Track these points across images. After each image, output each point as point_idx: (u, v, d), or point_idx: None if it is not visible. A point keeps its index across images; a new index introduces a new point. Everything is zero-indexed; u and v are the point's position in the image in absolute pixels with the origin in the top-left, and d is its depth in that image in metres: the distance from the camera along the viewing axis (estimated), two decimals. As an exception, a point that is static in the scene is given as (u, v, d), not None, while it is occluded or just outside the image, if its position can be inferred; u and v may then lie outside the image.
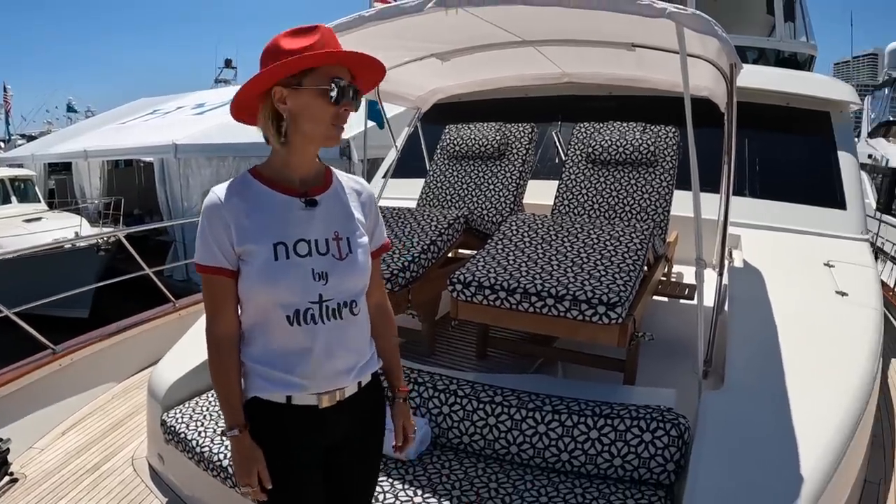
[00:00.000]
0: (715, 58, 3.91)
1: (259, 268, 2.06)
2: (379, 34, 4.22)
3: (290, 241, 2.10)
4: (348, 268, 2.18)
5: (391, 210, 4.98)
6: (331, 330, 2.14)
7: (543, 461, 3.29)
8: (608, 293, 3.38)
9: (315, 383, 2.16)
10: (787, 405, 3.16)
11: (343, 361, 2.21)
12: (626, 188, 5.18)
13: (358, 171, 14.05)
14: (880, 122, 18.50)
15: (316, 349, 2.13)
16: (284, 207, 2.13)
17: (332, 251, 2.15)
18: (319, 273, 2.11)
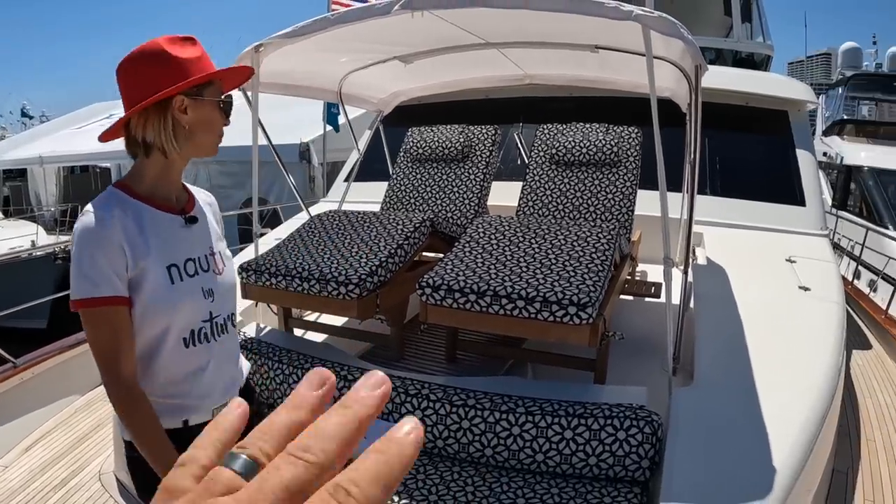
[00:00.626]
0: (678, 59, 3.94)
1: (156, 292, 1.96)
2: (341, 36, 4.20)
3: (181, 262, 2.04)
4: (226, 281, 2.20)
5: (356, 214, 4.94)
6: (221, 345, 2.17)
7: (519, 463, 3.27)
8: (578, 294, 3.36)
9: (210, 400, 2.15)
10: (756, 399, 3.19)
11: (230, 373, 2.26)
12: (590, 188, 5.17)
13: (318, 175, 14.00)
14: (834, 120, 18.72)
15: (210, 367, 2.13)
16: (168, 226, 2.06)
17: (212, 267, 2.15)
18: (207, 291, 2.10)
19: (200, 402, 2.12)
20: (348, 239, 4.51)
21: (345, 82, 5.79)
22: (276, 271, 4.19)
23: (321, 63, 5.18)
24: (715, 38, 13.31)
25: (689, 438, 2.99)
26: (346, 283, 3.91)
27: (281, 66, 4.78)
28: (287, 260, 4.29)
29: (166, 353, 2.03)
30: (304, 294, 4.10)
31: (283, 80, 5.23)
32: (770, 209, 5.91)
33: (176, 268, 2.01)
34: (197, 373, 2.09)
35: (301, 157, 14.40)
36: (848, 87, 20.10)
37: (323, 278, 3.99)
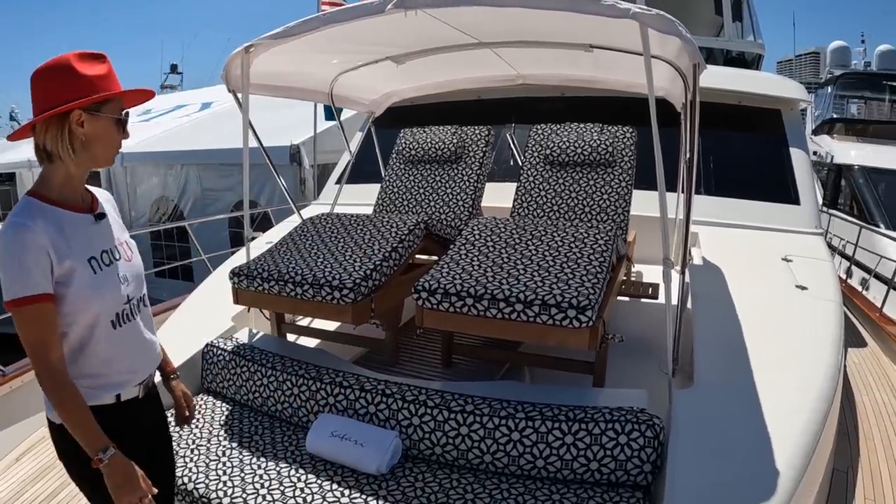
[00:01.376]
0: (674, 58, 3.91)
1: (84, 284, 2.20)
2: (332, 37, 4.15)
3: (98, 254, 2.29)
4: (135, 266, 2.48)
5: (349, 216, 4.89)
6: (139, 324, 2.45)
7: (519, 469, 3.22)
8: (577, 296, 3.31)
9: (137, 376, 2.45)
10: (757, 400, 3.16)
11: (150, 350, 2.56)
12: (585, 189, 5.13)
13: (309, 177, 13.94)
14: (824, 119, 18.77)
15: (134, 344, 2.43)
16: (82, 225, 2.30)
17: (123, 255, 2.42)
18: (122, 276, 2.36)
19: (131, 377, 2.41)
20: (342, 242, 4.46)
21: (336, 83, 5.74)
22: (268, 276, 4.14)
23: (312, 64, 5.12)
24: (706, 38, 13.31)
25: (691, 441, 2.95)
26: (341, 288, 3.85)
27: (271, 68, 4.72)
28: (280, 264, 4.23)
29: (99, 337, 2.28)
30: (298, 299, 4.04)
31: (273, 82, 5.17)
32: (765, 208, 5.88)
33: (95, 260, 2.27)
34: (125, 350, 2.38)
35: (291, 160, 14.33)
36: (837, 85, 20.17)
37: (317, 283, 3.93)
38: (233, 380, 4.19)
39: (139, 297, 2.47)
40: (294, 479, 3.27)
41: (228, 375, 4.22)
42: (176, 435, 3.71)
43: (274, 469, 3.38)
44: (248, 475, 3.33)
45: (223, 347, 4.33)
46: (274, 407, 3.97)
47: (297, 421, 3.85)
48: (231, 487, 3.23)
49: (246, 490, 3.20)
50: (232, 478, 3.32)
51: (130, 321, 2.39)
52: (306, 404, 3.82)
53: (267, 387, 3.99)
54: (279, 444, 3.64)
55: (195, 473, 3.39)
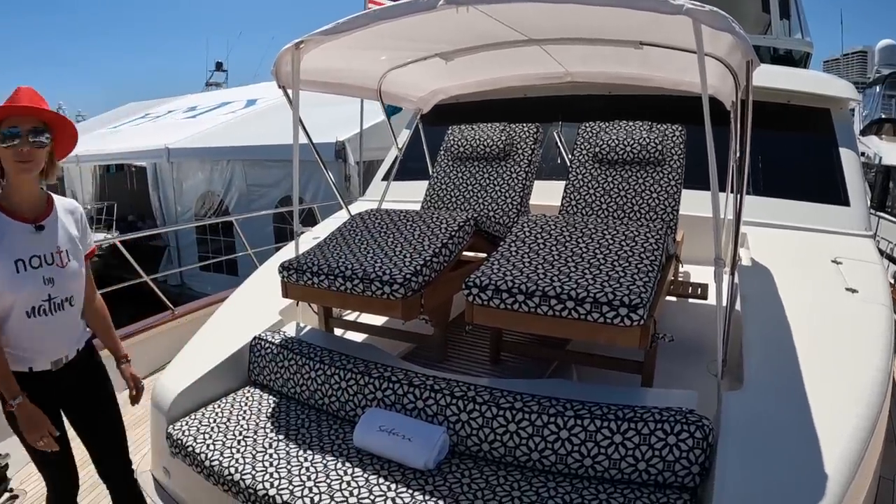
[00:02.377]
0: (725, 55, 3.85)
1: (4, 279, 2.76)
2: (382, 33, 4.17)
3: (27, 257, 2.83)
4: (68, 272, 2.99)
5: (398, 213, 4.90)
6: (57, 318, 2.96)
7: (566, 467, 3.20)
8: (629, 294, 3.28)
9: (47, 356, 2.99)
10: (806, 404, 3.12)
11: (65, 338, 3.07)
12: (635, 187, 5.09)
13: (354, 174, 14.00)
14: (872, 119, 18.47)
15: (47, 332, 2.94)
16: (21, 231, 2.84)
17: (56, 262, 2.93)
18: (48, 279, 2.89)
19: (40, 356, 2.97)
20: (391, 238, 4.47)
21: (384, 80, 5.77)
22: (318, 270, 4.16)
23: (361, 61, 5.15)
24: (753, 36, 13.11)
25: (739, 444, 2.92)
26: (391, 283, 3.86)
27: (321, 64, 4.75)
28: (329, 259, 4.26)
29: (13, 322, 2.85)
30: (347, 294, 4.06)
31: (323, 78, 5.21)
32: (814, 209, 5.76)
33: (22, 262, 2.81)
34: (37, 336, 2.92)
35: (337, 156, 14.38)
36: (886, 85, 19.80)
37: (367, 277, 3.94)
38: (280, 373, 4.23)
39: (65, 297, 2.98)
40: (341, 473, 3.28)
41: (276, 368, 4.26)
42: (223, 427, 3.79)
43: (321, 462, 3.40)
44: (294, 468, 3.35)
45: (271, 341, 4.37)
46: (321, 401, 4.00)
47: (345, 415, 3.88)
48: (278, 479, 3.25)
49: (293, 482, 3.22)
50: (279, 469, 3.34)
51: (47, 315, 2.92)
52: (354, 398, 3.84)
53: (315, 380, 4.02)
54: (326, 438, 3.66)
55: (241, 465, 3.43)
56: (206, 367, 4.33)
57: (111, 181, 24.97)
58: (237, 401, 4.17)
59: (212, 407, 4.10)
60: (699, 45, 3.22)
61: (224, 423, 3.88)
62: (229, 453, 3.54)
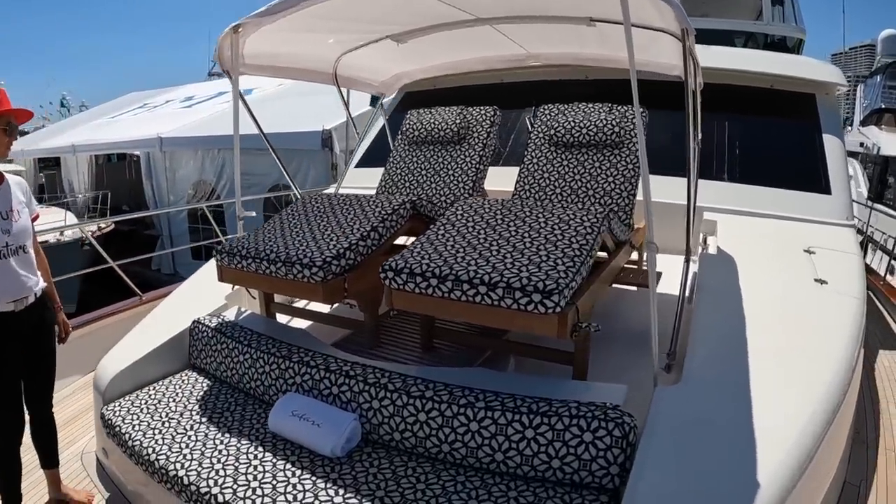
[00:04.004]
0: (674, 28, 3.65)
1: None
2: (321, 14, 4.08)
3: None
4: (19, 225, 3.59)
5: (341, 198, 4.84)
6: (14, 263, 3.54)
7: (477, 461, 3.10)
8: (545, 280, 3.13)
9: (10, 296, 3.52)
10: (749, 401, 2.97)
11: (23, 281, 3.58)
12: (590, 171, 4.92)
13: (341, 162, 13.96)
14: (872, 109, 18.31)
15: (8, 276, 3.50)
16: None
17: (12, 217, 3.56)
18: (4, 230, 3.49)
19: (4, 296, 3.48)
20: (325, 222, 4.42)
21: (339, 64, 5.68)
22: (246, 254, 4.12)
23: (308, 44, 5.07)
24: (744, 22, 12.99)
25: (664, 443, 2.78)
26: (311, 266, 3.80)
27: (267, 48, 4.70)
28: (259, 242, 4.22)
29: None
30: (273, 277, 4.01)
31: (271, 62, 5.13)
32: (793, 197, 5.58)
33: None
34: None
35: (323, 145, 14.36)
36: (886, 74, 19.57)
37: (289, 261, 3.89)
38: (214, 356, 4.22)
39: (19, 245, 3.57)
40: (251, 457, 3.25)
41: (211, 352, 4.25)
42: (153, 409, 3.85)
43: (235, 445, 3.37)
44: (208, 450, 3.34)
45: (208, 324, 4.36)
46: (248, 384, 3.97)
47: (268, 399, 3.84)
48: (190, 461, 3.25)
49: (202, 464, 3.21)
50: (193, 451, 3.34)
51: (5, 259, 3.48)
52: (276, 383, 3.80)
53: (243, 364, 3.99)
54: (246, 422, 3.64)
55: (160, 445, 3.43)
56: (146, 349, 4.34)
57: (110, 171, 25.00)
58: (173, 383, 4.17)
59: (147, 389, 4.12)
60: (625, 11, 3.10)
61: (155, 404, 3.89)
62: (151, 434, 3.55)
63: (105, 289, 9.04)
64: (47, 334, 3.88)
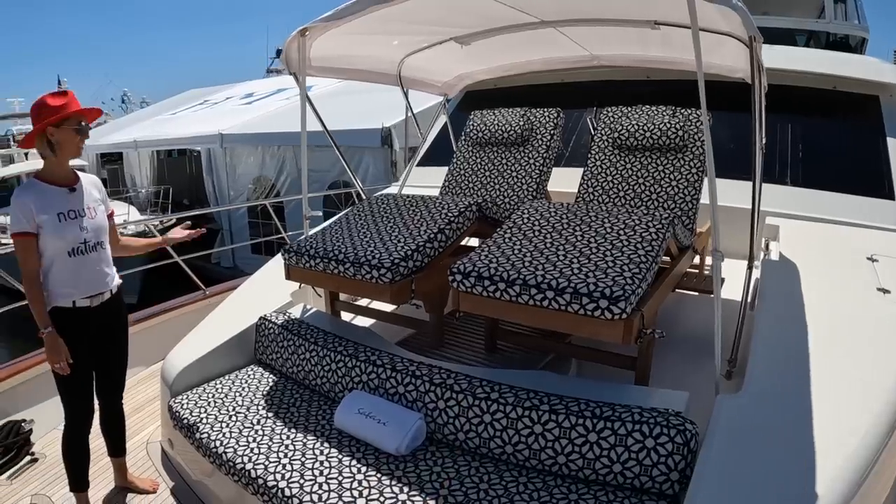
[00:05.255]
0: (739, 33, 3.62)
1: (51, 228, 3.51)
2: (388, 17, 4.13)
3: (66, 210, 3.59)
4: (96, 222, 3.73)
5: (406, 198, 4.90)
6: (91, 258, 3.68)
7: (539, 463, 3.12)
8: (612, 286, 3.14)
9: (88, 291, 3.68)
10: (810, 411, 2.92)
11: (99, 276, 3.74)
12: (653, 175, 4.89)
13: (400, 160, 14.05)
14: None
15: (86, 272, 3.66)
16: (60, 193, 3.61)
17: (88, 215, 3.68)
18: (83, 227, 3.64)
19: (81, 291, 3.65)
20: (391, 223, 4.48)
21: (403, 66, 5.74)
22: (314, 254, 4.20)
23: (374, 46, 5.12)
24: (806, 20, 12.77)
25: (724, 451, 2.75)
26: (379, 267, 3.87)
27: (332, 51, 4.77)
28: (327, 243, 4.29)
29: (59, 261, 3.57)
30: (341, 277, 4.09)
31: (337, 64, 5.21)
32: (856, 202, 5.42)
33: (62, 214, 3.56)
34: (77, 273, 3.62)
35: (382, 142, 14.46)
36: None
37: (357, 261, 3.96)
38: (280, 353, 4.31)
39: (97, 241, 3.71)
40: (317, 452, 3.33)
41: (277, 348, 4.34)
42: (220, 402, 3.96)
43: (301, 441, 3.45)
44: (275, 444, 3.43)
45: (274, 321, 4.45)
46: (314, 381, 4.05)
47: (334, 396, 3.92)
48: (257, 454, 3.34)
49: (269, 458, 3.30)
50: (260, 445, 3.43)
51: (83, 255, 3.63)
52: (342, 380, 3.87)
53: (309, 361, 4.08)
54: (312, 418, 3.71)
55: (228, 438, 3.53)
56: (213, 344, 4.46)
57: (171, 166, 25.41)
58: (239, 378, 4.27)
59: (214, 383, 4.22)
60: (693, 18, 3.08)
61: (221, 398, 3.99)
62: (219, 427, 3.65)
63: (165, 280, 9.23)
64: (121, 330, 4.00)
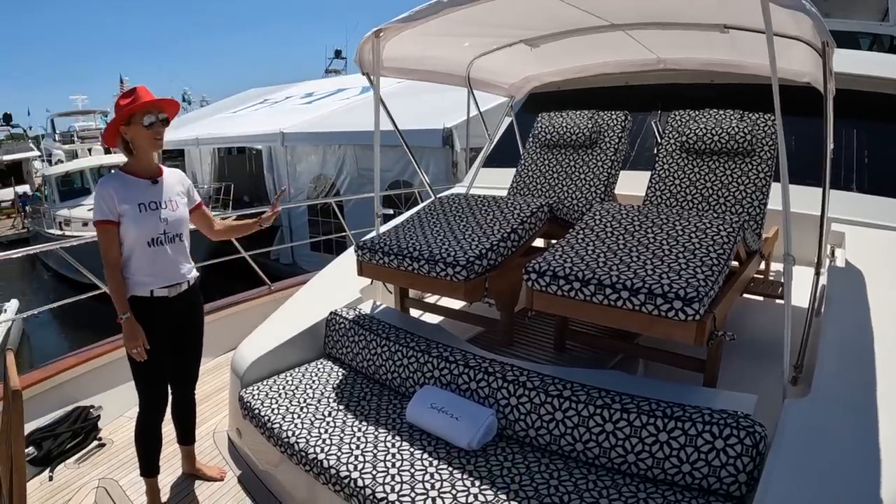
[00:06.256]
0: (811, 38, 3.61)
1: (131, 218, 3.60)
2: (461, 19, 4.19)
3: (147, 201, 3.68)
4: (177, 214, 3.81)
5: (477, 198, 4.95)
6: (170, 250, 3.76)
7: (609, 461, 3.15)
8: (686, 287, 3.17)
9: (165, 281, 3.76)
10: (876, 416, 2.91)
11: (178, 268, 3.82)
12: (721, 179, 4.89)
13: (461, 160, 14.09)
14: None
15: (164, 262, 3.74)
16: (142, 185, 3.71)
17: (168, 207, 3.77)
18: (163, 218, 3.72)
19: (159, 281, 3.73)
20: (464, 222, 4.54)
21: (472, 67, 5.80)
22: (388, 250, 4.29)
23: (445, 48, 5.19)
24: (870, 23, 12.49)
25: (792, 455, 2.75)
26: (454, 265, 3.93)
27: (404, 52, 4.84)
28: (401, 240, 4.37)
29: (138, 251, 3.66)
30: (415, 274, 4.16)
31: (408, 65, 5.29)
32: None
33: (143, 205, 3.66)
34: (156, 262, 3.70)
35: (444, 142, 14.51)
36: None
37: (432, 259, 4.03)
38: (350, 347, 4.40)
39: (175, 233, 3.79)
40: (388, 445, 3.40)
41: (347, 343, 4.43)
42: (290, 394, 4.05)
43: (372, 433, 3.53)
44: (347, 436, 3.50)
45: (345, 316, 4.55)
46: (384, 376, 4.13)
47: (405, 391, 3.99)
48: (329, 445, 3.42)
49: (342, 449, 3.37)
50: (332, 437, 3.51)
51: (162, 245, 3.72)
52: (413, 375, 3.94)
53: (380, 356, 4.15)
54: (383, 411, 3.79)
55: (299, 429, 3.62)
56: (283, 337, 4.57)
57: (231, 163, 25.76)
58: (309, 371, 4.37)
59: (284, 375, 4.32)
60: (767, 23, 3.07)
61: (292, 390, 4.09)
62: (290, 418, 3.74)
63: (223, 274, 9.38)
64: (197, 321, 4.09)
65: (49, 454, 4.60)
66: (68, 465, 4.57)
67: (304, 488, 3.71)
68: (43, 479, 4.43)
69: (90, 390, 5.33)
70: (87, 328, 10.77)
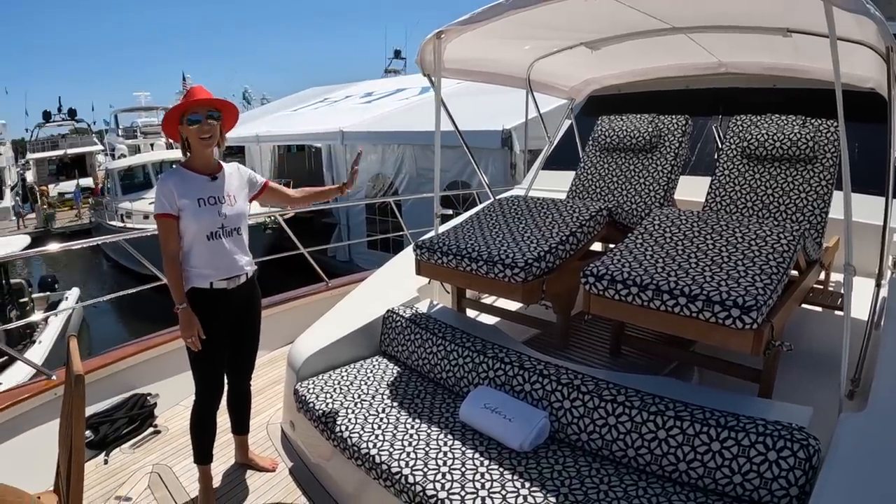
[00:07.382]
0: (875, 42, 3.56)
1: (191, 212, 3.69)
2: (521, 22, 4.21)
3: (206, 197, 3.75)
4: (235, 208, 3.86)
5: (536, 200, 4.95)
6: (229, 243, 3.82)
7: (660, 468, 3.13)
8: (744, 296, 3.13)
9: (224, 274, 3.83)
10: None
11: (237, 261, 3.87)
12: (782, 186, 4.78)
13: (519, 162, 14.08)
14: None
15: (223, 255, 3.80)
16: (201, 181, 3.79)
17: (227, 202, 3.83)
18: (221, 213, 3.78)
19: (218, 273, 3.81)
20: (523, 224, 4.55)
21: (532, 69, 5.81)
22: (447, 250, 4.32)
23: (506, 50, 5.20)
24: None
25: (845, 469, 2.69)
26: (512, 267, 3.94)
27: (465, 53, 4.87)
28: (460, 240, 4.40)
29: (198, 244, 3.75)
30: (473, 275, 4.19)
31: (468, 67, 5.33)
32: None
33: (202, 200, 3.74)
34: (215, 255, 3.78)
35: (503, 144, 14.53)
36: None
37: (490, 260, 4.05)
38: (406, 345, 4.44)
39: (233, 227, 3.85)
40: (440, 444, 3.42)
41: (403, 341, 4.47)
42: (345, 389, 4.12)
43: (425, 431, 3.55)
44: (399, 433, 3.54)
45: (402, 314, 4.59)
46: (439, 375, 4.16)
47: (459, 390, 4.01)
48: (381, 441, 3.46)
49: (394, 446, 3.41)
50: (385, 433, 3.55)
51: (220, 239, 3.78)
52: (468, 375, 3.96)
53: (435, 355, 4.19)
54: (436, 410, 3.81)
55: (353, 424, 3.67)
56: (340, 333, 4.63)
57: (291, 160, 26.02)
58: (364, 367, 4.42)
59: (339, 370, 4.38)
60: (830, 27, 3.04)
61: (347, 386, 4.14)
62: (344, 413, 3.79)
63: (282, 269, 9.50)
64: (255, 314, 4.16)
65: (105, 438, 4.75)
66: (123, 450, 4.71)
67: (355, 483, 3.77)
68: (98, 462, 4.56)
69: (148, 378, 5.47)
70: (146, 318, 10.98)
